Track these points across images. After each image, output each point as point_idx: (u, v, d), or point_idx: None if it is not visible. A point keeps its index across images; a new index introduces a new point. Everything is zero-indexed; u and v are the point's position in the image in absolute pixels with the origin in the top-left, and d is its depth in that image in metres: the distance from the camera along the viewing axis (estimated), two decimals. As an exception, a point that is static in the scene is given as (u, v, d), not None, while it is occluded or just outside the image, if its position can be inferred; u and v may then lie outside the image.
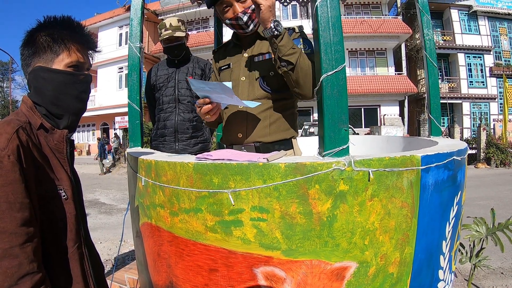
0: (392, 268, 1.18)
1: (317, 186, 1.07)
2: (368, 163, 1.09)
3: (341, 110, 1.13)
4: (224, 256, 1.17)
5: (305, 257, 1.10)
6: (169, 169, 1.26)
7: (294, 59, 1.43)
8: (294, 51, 1.43)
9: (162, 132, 2.91)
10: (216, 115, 1.59)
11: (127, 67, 2.03)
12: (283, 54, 1.42)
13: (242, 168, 1.11)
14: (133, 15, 1.96)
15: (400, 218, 1.16)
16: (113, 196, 9.86)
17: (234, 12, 1.56)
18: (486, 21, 22.27)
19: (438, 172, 1.25)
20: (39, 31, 1.13)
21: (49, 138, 1.13)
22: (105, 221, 6.73)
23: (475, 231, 2.81)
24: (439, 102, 2.08)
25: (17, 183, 0.93)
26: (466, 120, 21.65)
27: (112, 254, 4.59)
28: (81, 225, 1.19)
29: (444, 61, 22.49)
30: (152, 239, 1.43)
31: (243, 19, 1.56)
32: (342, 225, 1.09)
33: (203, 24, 24.25)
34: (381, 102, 21.66)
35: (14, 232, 0.91)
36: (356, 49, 22.15)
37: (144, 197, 1.45)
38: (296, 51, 1.43)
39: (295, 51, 1.43)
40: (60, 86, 1.12)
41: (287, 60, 1.43)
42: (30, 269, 0.93)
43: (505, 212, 5.56)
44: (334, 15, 1.15)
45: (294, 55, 1.42)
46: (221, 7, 1.59)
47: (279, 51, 1.42)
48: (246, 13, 1.56)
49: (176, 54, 2.90)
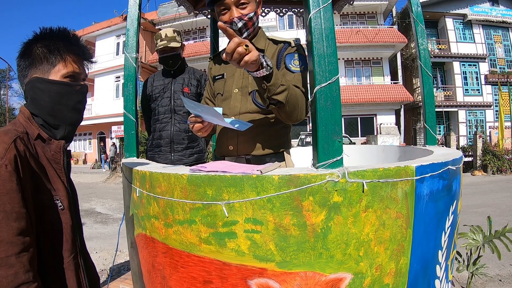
0: (388, 279, 1.18)
1: (311, 198, 1.07)
2: (362, 174, 1.10)
3: (334, 122, 1.13)
4: (218, 268, 1.16)
5: (300, 269, 1.10)
6: (164, 181, 1.26)
7: (283, 97, 1.36)
8: (283, 88, 1.35)
9: (157, 142, 2.91)
10: (207, 131, 1.58)
11: (123, 77, 2.03)
12: (272, 94, 1.35)
13: (236, 180, 1.11)
14: (129, 26, 1.97)
15: (395, 228, 1.16)
16: (109, 205, 9.81)
17: (230, 16, 1.54)
18: (480, 29, 22.55)
19: (432, 182, 1.25)
20: (36, 43, 1.15)
21: (46, 148, 1.14)
22: (100, 230, 6.68)
23: (471, 239, 2.81)
24: (434, 111, 2.09)
25: (14, 193, 0.94)
26: (462, 128, 21.78)
27: (107, 264, 4.56)
28: (77, 235, 1.20)
29: (439, 69, 22.72)
30: (147, 250, 1.42)
31: (238, 24, 1.54)
32: (336, 236, 1.09)
33: (200, 34, 24.42)
34: (377, 111, 21.77)
35: (11, 242, 0.92)
36: (352, 59, 22.33)
37: (138, 208, 1.45)
38: (285, 88, 1.36)
39: (284, 88, 1.35)
40: (57, 96, 1.13)
41: (276, 99, 1.36)
42: (25, 279, 0.93)
43: (502, 219, 5.57)
44: (327, 27, 1.16)
45: (283, 93, 1.35)
46: (219, 9, 1.57)
47: (268, 91, 1.34)
48: (242, 19, 1.54)
49: (171, 65, 2.91)
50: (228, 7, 1.54)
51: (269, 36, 1.73)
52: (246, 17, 1.55)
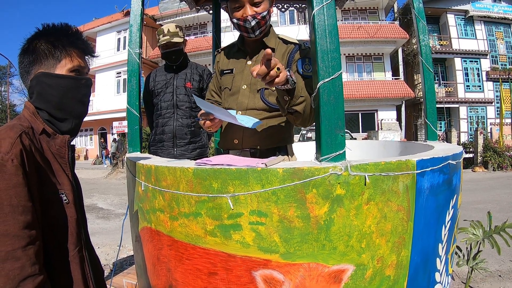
0: (389, 271, 1.20)
1: (315, 191, 1.09)
2: (364, 167, 1.12)
3: (337, 116, 1.15)
4: (223, 260, 1.18)
5: (303, 260, 1.12)
6: (169, 174, 1.28)
7: (301, 107, 1.40)
8: (302, 99, 1.39)
9: (160, 137, 2.93)
10: (218, 127, 1.60)
11: (127, 73, 2.05)
12: (292, 105, 1.40)
13: (241, 173, 1.13)
14: (132, 21, 1.98)
15: (396, 221, 1.18)
16: (111, 201, 9.83)
17: (244, 14, 1.55)
18: (482, 25, 22.45)
19: (433, 176, 1.27)
20: (38, 39, 1.16)
21: (51, 143, 1.15)
22: (103, 226, 6.72)
23: (472, 234, 2.83)
24: (435, 107, 2.11)
25: (20, 187, 0.95)
26: (463, 124, 21.74)
27: (110, 259, 4.58)
28: (81, 228, 1.21)
29: (440, 65, 22.63)
30: (152, 243, 1.45)
31: (251, 23, 1.55)
32: (339, 228, 1.11)
33: (201, 29, 24.33)
34: (379, 107, 21.73)
35: (17, 235, 0.93)
36: (353, 54, 22.26)
37: (143, 202, 1.47)
38: (304, 100, 1.40)
39: (303, 100, 1.40)
40: (64, 90, 1.15)
41: (294, 109, 1.41)
42: (32, 272, 0.94)
43: (502, 215, 5.58)
44: (330, 23, 1.17)
45: (302, 104, 1.40)
46: (233, 5, 1.57)
47: (289, 103, 1.39)
48: (256, 18, 1.54)
49: (174, 60, 2.92)
50: (242, 4, 1.55)
51: (280, 35, 1.74)
52: (260, 15, 1.55)
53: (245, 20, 1.55)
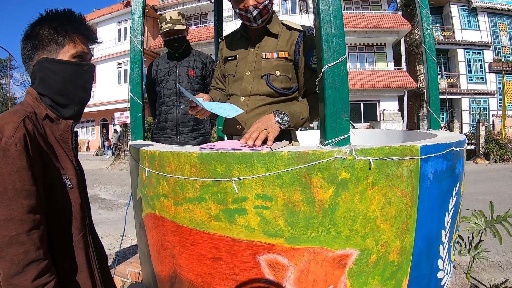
0: (393, 256, 1.21)
1: (319, 174, 1.09)
2: (369, 152, 1.12)
3: (342, 101, 1.15)
4: (228, 245, 1.19)
5: (308, 245, 1.12)
6: (173, 159, 1.28)
7: (299, 126, 1.59)
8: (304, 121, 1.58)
9: (163, 125, 2.93)
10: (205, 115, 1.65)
11: (129, 61, 2.04)
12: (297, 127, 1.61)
13: (246, 157, 1.13)
14: (134, 9, 1.97)
15: (400, 206, 1.18)
16: (113, 191, 9.87)
17: (246, 4, 1.55)
18: (485, 17, 22.22)
19: (437, 162, 1.27)
20: (42, 24, 1.15)
21: (54, 128, 1.15)
22: (105, 216, 6.75)
23: (474, 223, 2.83)
24: (438, 95, 2.10)
25: (24, 171, 0.95)
26: (465, 115, 21.65)
27: (113, 248, 4.61)
28: (86, 213, 1.21)
29: (443, 56, 22.46)
30: (156, 229, 1.45)
31: (253, 13, 1.55)
32: (343, 212, 1.12)
33: (203, 19, 24.14)
34: (380, 97, 21.63)
35: (21, 219, 0.93)
36: (356, 44, 22.08)
37: (147, 188, 1.47)
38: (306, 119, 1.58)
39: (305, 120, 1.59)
40: (67, 76, 1.14)
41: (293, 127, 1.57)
42: (36, 256, 0.95)
43: (504, 207, 5.57)
44: (335, 8, 1.17)
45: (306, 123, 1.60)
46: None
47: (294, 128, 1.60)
48: (257, 8, 1.55)
49: (176, 47, 2.91)
50: None
51: (283, 21, 1.73)
52: (261, 5, 1.55)
53: (246, 10, 1.56)
